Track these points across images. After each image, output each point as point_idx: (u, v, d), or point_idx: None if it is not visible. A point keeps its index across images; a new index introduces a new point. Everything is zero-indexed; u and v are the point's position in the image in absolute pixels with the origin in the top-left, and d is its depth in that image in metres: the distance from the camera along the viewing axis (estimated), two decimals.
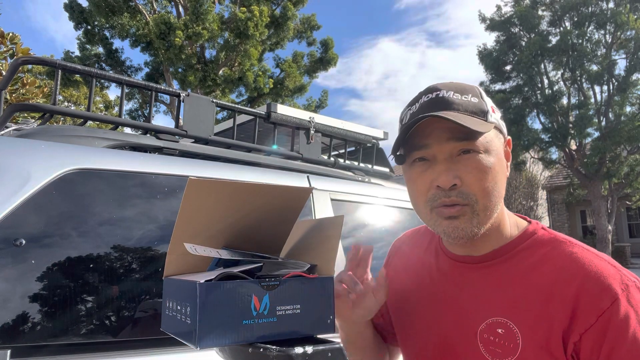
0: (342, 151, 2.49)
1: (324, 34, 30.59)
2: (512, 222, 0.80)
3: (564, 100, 14.69)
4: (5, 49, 3.54)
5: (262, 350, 0.61)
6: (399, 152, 0.78)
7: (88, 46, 14.69)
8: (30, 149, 1.20)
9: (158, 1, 14.80)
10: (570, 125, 14.19)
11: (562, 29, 14.49)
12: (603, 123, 13.99)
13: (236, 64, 14.06)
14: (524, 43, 14.92)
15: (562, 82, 14.80)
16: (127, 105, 15.89)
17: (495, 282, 0.76)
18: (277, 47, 15.15)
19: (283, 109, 1.96)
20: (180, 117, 1.66)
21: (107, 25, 14.26)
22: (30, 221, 1.10)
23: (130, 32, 14.02)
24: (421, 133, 0.74)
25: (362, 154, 2.38)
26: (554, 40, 14.53)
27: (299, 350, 0.59)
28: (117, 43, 27.52)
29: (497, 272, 0.76)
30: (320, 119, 2.11)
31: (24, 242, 1.07)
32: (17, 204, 1.08)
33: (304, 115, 2.04)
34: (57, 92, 1.46)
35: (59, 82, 1.46)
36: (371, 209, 1.93)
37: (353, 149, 2.53)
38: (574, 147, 14.76)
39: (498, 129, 0.77)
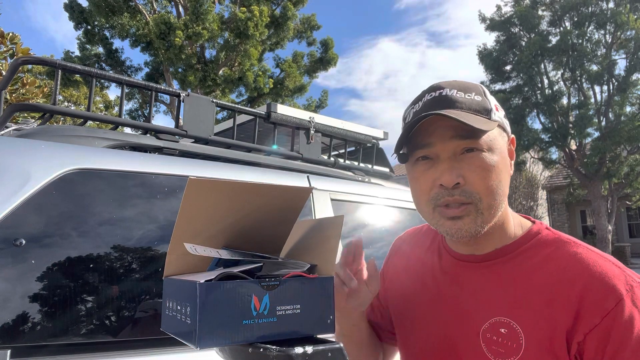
0: (342, 151, 2.49)
1: (324, 34, 30.60)
2: (516, 221, 0.80)
3: (564, 100, 14.69)
4: (5, 49, 3.54)
5: (262, 350, 0.61)
6: (402, 151, 0.77)
7: (88, 46, 14.68)
8: (30, 149, 1.19)
9: (158, 1, 14.80)
10: (570, 125, 14.18)
11: (562, 29, 14.49)
12: (603, 123, 13.99)
13: (236, 64, 14.06)
14: (524, 43, 14.91)
15: (562, 82, 14.79)
16: (127, 105, 15.88)
17: (498, 282, 0.75)
18: (277, 47, 15.15)
19: (283, 109, 1.96)
20: (180, 117, 1.66)
21: (107, 25, 14.26)
22: (30, 221, 1.10)
23: (130, 32, 14.02)
24: (424, 131, 0.73)
25: (362, 154, 2.38)
26: (554, 40, 14.53)
27: (299, 350, 0.59)
28: (117, 43, 27.57)
29: (500, 272, 0.76)
30: (320, 119, 2.11)
31: (24, 242, 1.07)
32: (17, 204, 1.08)
33: (304, 115, 2.04)
34: (57, 92, 1.46)
35: (59, 82, 1.46)
36: (371, 209, 1.93)
37: (353, 149, 2.53)
38: (574, 147, 14.76)
39: (502, 127, 0.76)
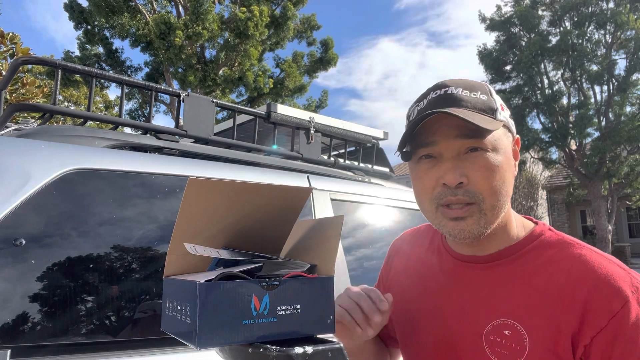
0: (342, 151, 2.49)
1: (324, 34, 30.57)
2: (519, 222, 0.79)
3: (564, 100, 14.69)
4: (5, 49, 3.54)
5: (262, 350, 0.61)
6: (405, 149, 0.76)
7: (88, 46, 14.68)
8: (30, 149, 1.19)
9: (158, 1, 14.79)
10: (570, 125, 14.19)
11: (562, 29, 14.49)
12: (603, 123, 13.99)
13: (236, 64, 14.06)
14: (524, 43, 14.91)
15: (562, 82, 14.80)
16: (127, 105, 15.88)
17: (501, 283, 0.74)
18: (277, 47, 15.15)
19: (283, 109, 1.96)
20: (180, 117, 1.66)
21: (107, 25, 14.26)
22: (30, 221, 1.10)
23: (130, 32, 14.02)
24: (428, 130, 0.72)
25: (362, 154, 2.38)
26: (554, 40, 14.53)
27: (299, 350, 0.59)
28: (117, 43, 27.55)
29: (503, 273, 0.75)
30: (320, 119, 2.11)
31: (24, 242, 1.07)
32: (17, 204, 1.08)
33: (304, 115, 2.04)
34: (57, 92, 1.46)
35: (59, 82, 1.46)
36: (371, 209, 1.93)
37: (353, 149, 2.53)
38: (574, 147, 14.76)
39: (507, 127, 0.76)
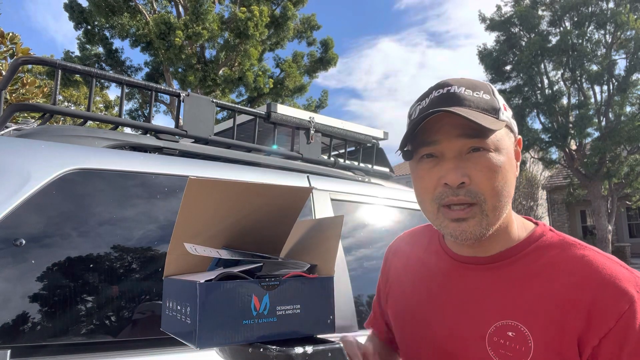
0: (342, 151, 2.49)
1: (324, 34, 30.57)
2: (519, 223, 0.79)
3: (564, 100, 14.70)
4: (5, 49, 3.54)
5: (262, 350, 0.61)
6: (406, 148, 0.75)
7: (88, 46, 14.69)
8: (30, 149, 1.19)
9: (158, 1, 14.79)
10: (570, 125, 14.19)
11: (562, 29, 14.49)
12: (603, 123, 13.99)
13: (236, 64, 14.06)
14: (524, 43, 14.91)
15: (562, 82, 14.80)
16: (127, 105, 15.88)
17: (503, 284, 0.74)
18: (277, 47, 15.15)
19: (283, 109, 1.96)
20: (180, 117, 1.66)
21: (107, 25, 14.26)
22: (30, 221, 1.10)
23: (130, 32, 14.02)
24: (430, 129, 0.72)
25: (362, 154, 2.38)
26: (554, 40, 14.53)
27: (299, 350, 0.59)
28: (117, 43, 27.53)
29: (505, 274, 0.74)
30: (320, 119, 2.11)
31: (24, 242, 1.07)
32: (17, 204, 1.08)
33: (304, 115, 2.04)
34: (57, 92, 1.46)
35: (59, 82, 1.46)
36: (371, 209, 1.93)
37: (353, 149, 2.53)
38: (574, 147, 14.76)
39: (509, 128, 0.75)
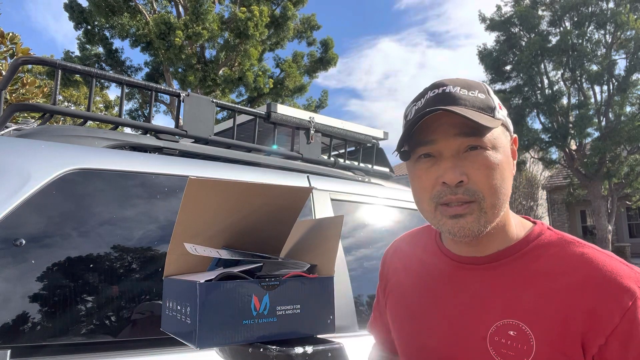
0: (342, 151, 2.49)
1: (324, 34, 30.56)
2: (517, 222, 0.79)
3: (564, 100, 14.69)
4: (5, 49, 3.54)
5: (262, 350, 0.61)
6: (403, 148, 0.76)
7: (88, 46, 14.69)
8: (30, 149, 1.19)
9: (158, 1, 14.80)
10: (570, 125, 14.18)
11: (562, 29, 14.49)
12: (603, 123, 13.99)
13: (236, 64, 14.06)
14: (524, 43, 14.91)
15: (562, 82, 14.80)
16: (127, 105, 15.89)
17: (503, 284, 0.74)
18: (277, 47, 15.15)
19: (283, 109, 1.96)
20: (180, 117, 1.66)
21: (107, 25, 14.26)
22: (30, 221, 1.10)
23: (130, 32, 14.01)
24: (427, 128, 0.72)
25: (362, 154, 2.38)
26: (554, 40, 14.53)
27: (299, 350, 0.59)
28: (117, 43, 27.50)
29: (504, 274, 0.74)
30: (320, 119, 2.11)
31: (24, 242, 1.07)
32: (17, 204, 1.08)
33: (304, 115, 2.04)
34: (57, 92, 1.46)
35: (59, 82, 1.46)
36: (371, 209, 1.93)
37: (353, 149, 2.53)
38: (574, 147, 14.76)
39: (505, 127, 0.76)
